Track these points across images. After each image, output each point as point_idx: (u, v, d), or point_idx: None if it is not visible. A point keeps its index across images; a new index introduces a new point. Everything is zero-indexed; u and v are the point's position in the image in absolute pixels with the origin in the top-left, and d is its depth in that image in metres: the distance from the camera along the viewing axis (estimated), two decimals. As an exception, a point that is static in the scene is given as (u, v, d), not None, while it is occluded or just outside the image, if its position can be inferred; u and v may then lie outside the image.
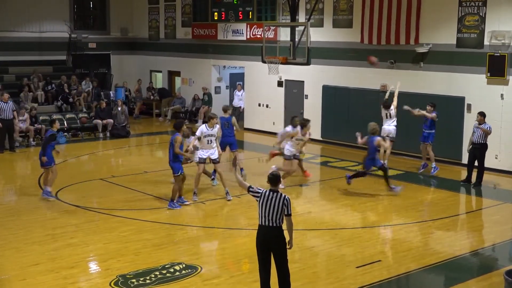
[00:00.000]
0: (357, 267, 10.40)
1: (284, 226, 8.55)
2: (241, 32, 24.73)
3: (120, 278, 9.79)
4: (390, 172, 16.86)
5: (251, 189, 8.70)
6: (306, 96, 22.60)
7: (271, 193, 8.51)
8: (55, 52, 27.47)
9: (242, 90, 25.17)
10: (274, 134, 23.42)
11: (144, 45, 29.79)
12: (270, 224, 8.45)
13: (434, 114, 16.70)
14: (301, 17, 22.34)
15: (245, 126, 24.93)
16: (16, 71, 25.91)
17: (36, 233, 12.08)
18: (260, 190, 8.62)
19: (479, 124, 15.82)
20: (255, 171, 16.94)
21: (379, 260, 10.72)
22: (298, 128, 15.60)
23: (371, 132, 14.91)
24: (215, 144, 14.49)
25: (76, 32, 28.18)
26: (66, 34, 27.81)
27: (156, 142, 23.48)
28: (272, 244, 8.51)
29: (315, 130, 21.99)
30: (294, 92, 23.08)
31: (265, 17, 23.90)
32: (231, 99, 26.06)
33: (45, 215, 13.29)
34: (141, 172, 17.17)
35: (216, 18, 25.87)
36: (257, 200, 8.60)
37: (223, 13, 25.57)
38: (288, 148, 15.44)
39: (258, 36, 23.65)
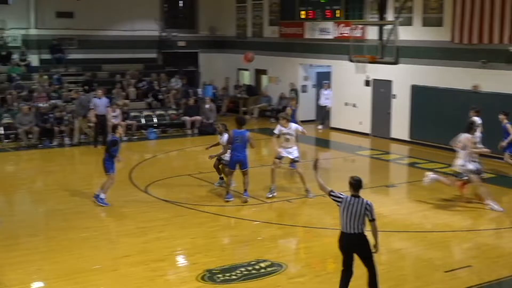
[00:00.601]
0: (445, 272, 10.15)
1: (367, 230, 8.43)
2: (328, 30, 24.63)
3: (207, 272, 9.94)
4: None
5: (332, 193, 8.58)
6: (394, 95, 22.25)
7: (353, 198, 8.37)
8: (146, 50, 28.28)
9: (328, 89, 25.05)
10: (361, 134, 23.29)
11: (231, 44, 30.13)
12: (352, 231, 8.32)
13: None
14: (390, 16, 22.00)
15: (332, 125, 24.81)
16: (109, 68, 26.81)
17: (127, 226, 12.46)
18: (342, 195, 8.49)
19: None
20: (341, 172, 16.83)
21: (469, 266, 10.44)
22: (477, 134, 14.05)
23: None
24: (294, 143, 14.56)
25: (166, 31, 28.88)
26: (156, 33, 28.55)
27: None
28: (355, 249, 8.44)
29: (403, 131, 21.72)
30: (381, 92, 22.77)
31: (352, 16, 23.71)
32: (318, 98, 26.00)
33: (136, 209, 13.65)
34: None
35: (303, 16, 25.88)
36: (338, 206, 8.51)
37: (310, 11, 25.56)
38: (462, 163, 13.55)
39: (346, 34, 23.48)
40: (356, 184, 8.41)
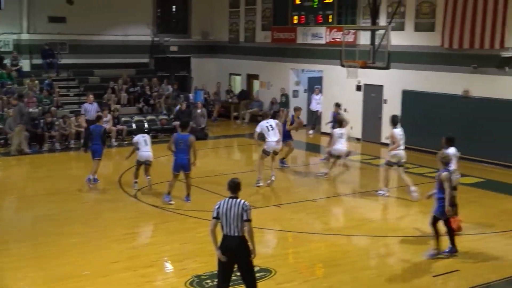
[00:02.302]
0: (434, 276, 10.18)
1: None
2: (320, 35, 24.66)
3: (195, 278, 9.92)
4: (469, 180, 16.42)
5: (213, 217, 8.35)
6: (385, 100, 22.28)
7: (231, 200, 8.30)
8: (138, 55, 28.23)
9: (320, 94, 25.08)
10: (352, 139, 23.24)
11: (224, 49, 30.13)
12: (231, 234, 8.22)
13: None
14: (382, 21, 22.05)
15: (322, 130, 24.80)
16: (101, 74, 26.72)
17: (116, 232, 12.41)
18: (217, 204, 8.36)
19: None
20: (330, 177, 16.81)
21: (457, 270, 10.45)
22: None
23: None
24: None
25: (158, 36, 28.84)
26: (149, 38, 28.54)
27: (234, 145, 23.70)
28: (235, 254, 8.27)
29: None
30: (372, 97, 22.80)
31: (345, 21, 23.75)
32: (309, 102, 26.01)
33: (124, 214, 13.62)
34: (217, 174, 17.31)
35: (295, 21, 25.93)
36: (218, 212, 8.30)
37: (302, 16, 25.61)
38: None
39: (338, 39, 23.52)
40: (233, 186, 8.40)
